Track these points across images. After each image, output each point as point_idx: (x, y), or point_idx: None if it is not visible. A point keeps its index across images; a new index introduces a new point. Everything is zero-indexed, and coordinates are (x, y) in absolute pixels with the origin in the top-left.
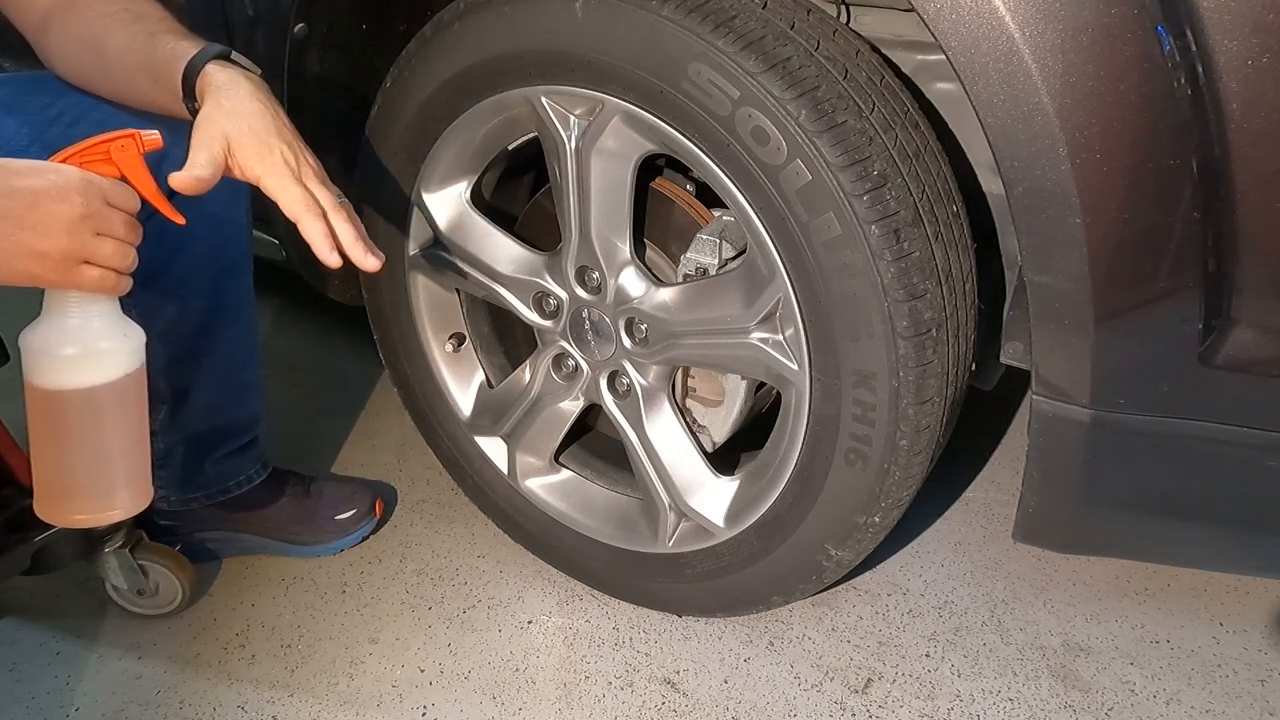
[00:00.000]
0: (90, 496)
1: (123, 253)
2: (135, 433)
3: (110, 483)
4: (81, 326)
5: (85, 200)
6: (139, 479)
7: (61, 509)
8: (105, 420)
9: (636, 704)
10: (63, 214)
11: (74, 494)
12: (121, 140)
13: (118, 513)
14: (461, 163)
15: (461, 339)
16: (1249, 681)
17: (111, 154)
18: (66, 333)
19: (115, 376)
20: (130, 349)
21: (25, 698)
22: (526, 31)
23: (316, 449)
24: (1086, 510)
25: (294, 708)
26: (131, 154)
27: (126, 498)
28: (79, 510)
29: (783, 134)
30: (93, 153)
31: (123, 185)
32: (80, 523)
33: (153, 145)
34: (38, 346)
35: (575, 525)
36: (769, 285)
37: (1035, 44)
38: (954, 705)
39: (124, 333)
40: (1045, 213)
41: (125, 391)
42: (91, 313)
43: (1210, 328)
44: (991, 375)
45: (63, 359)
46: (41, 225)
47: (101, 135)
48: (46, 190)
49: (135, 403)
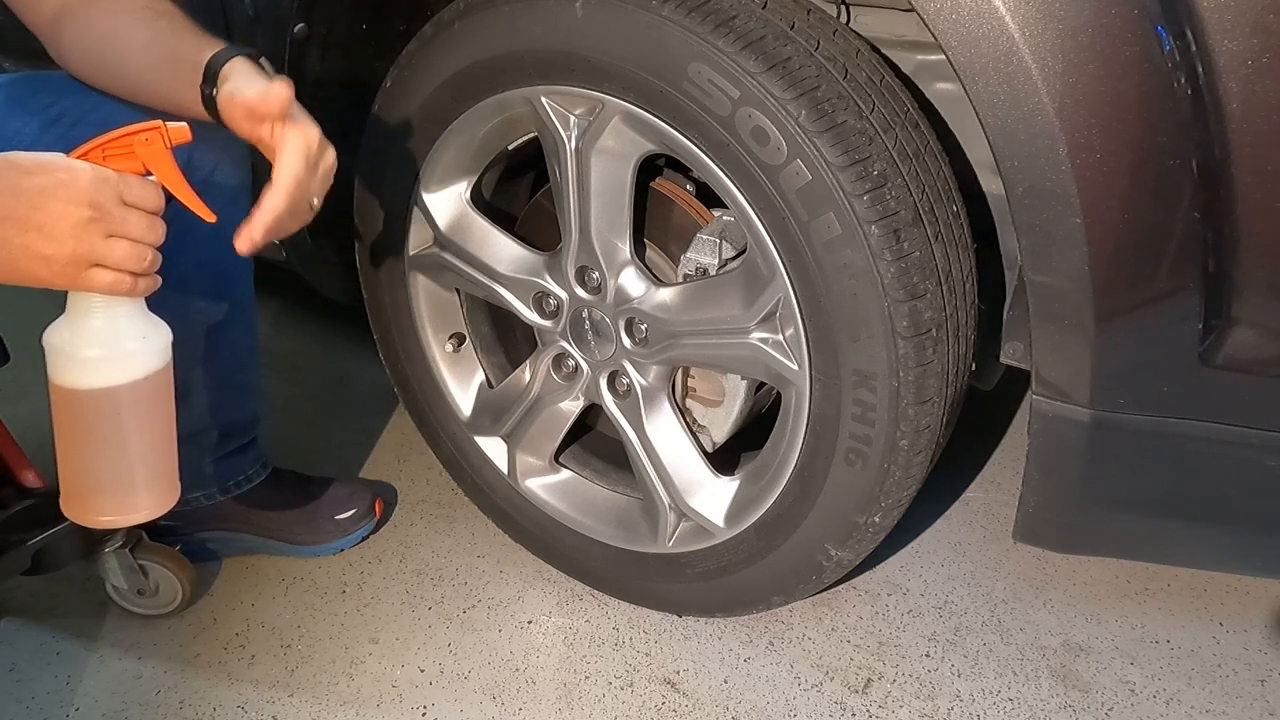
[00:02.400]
0: (115, 496)
1: (137, 255)
2: (161, 432)
3: (135, 483)
4: (105, 327)
5: (95, 201)
6: (165, 478)
7: (87, 509)
8: (129, 420)
9: (636, 704)
10: (70, 216)
11: (99, 494)
12: (146, 133)
13: (143, 513)
14: (461, 163)
15: (461, 339)
16: (1249, 681)
17: (135, 148)
18: (89, 333)
19: (138, 377)
20: (155, 349)
21: (25, 698)
22: (526, 31)
23: (316, 449)
24: (1086, 510)
25: (294, 708)
26: (157, 147)
27: (152, 497)
28: (105, 511)
29: (783, 134)
30: (116, 146)
31: (144, 182)
32: (106, 523)
33: (180, 138)
34: (60, 347)
35: (575, 525)
36: (769, 285)
37: (1035, 44)
38: (954, 705)
39: (147, 333)
40: (1045, 213)
41: (149, 392)
42: (116, 313)
43: (1210, 328)
44: (991, 375)
45: (85, 360)
46: (47, 227)
47: (126, 128)
48: (54, 190)
49: (161, 401)
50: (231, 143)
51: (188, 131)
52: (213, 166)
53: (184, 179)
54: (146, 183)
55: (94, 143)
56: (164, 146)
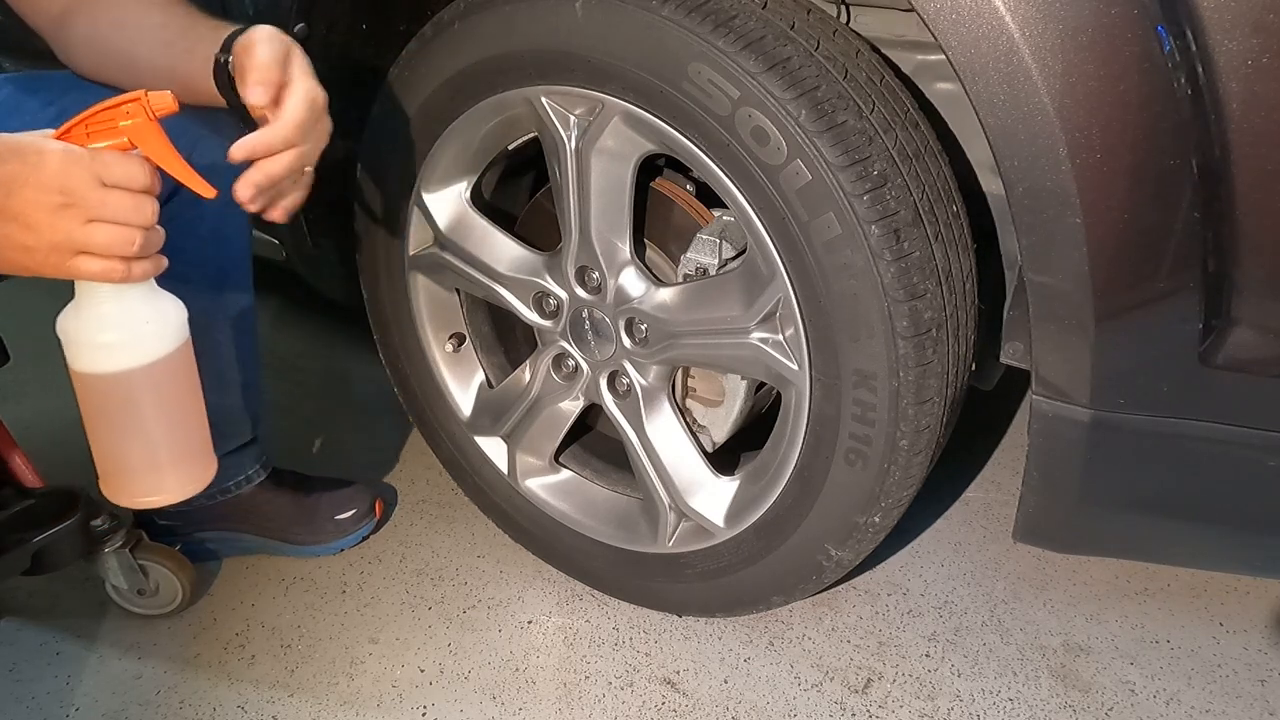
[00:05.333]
0: (147, 476)
1: (123, 239)
2: (188, 408)
3: (163, 462)
4: (115, 311)
5: (66, 186)
6: (198, 455)
7: (121, 490)
8: (149, 401)
9: (636, 704)
10: (42, 204)
11: (130, 474)
12: (128, 104)
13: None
14: (461, 163)
15: (461, 339)
16: (1249, 681)
17: (119, 123)
18: (100, 319)
19: (154, 359)
20: (169, 329)
21: (25, 698)
22: (526, 31)
23: (317, 449)
24: (1086, 510)
25: (294, 708)
26: (141, 120)
27: (186, 474)
28: (139, 491)
29: (783, 134)
30: (98, 121)
31: (125, 159)
32: (144, 504)
33: (164, 108)
34: (72, 333)
35: (575, 525)
36: (769, 285)
37: (1035, 44)
38: (954, 705)
39: (159, 313)
40: (1045, 213)
41: (166, 372)
42: (125, 295)
43: (1210, 328)
44: (991, 375)
45: (98, 346)
46: (22, 217)
47: (106, 101)
48: (24, 177)
49: (182, 379)
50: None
51: (171, 99)
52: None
53: (174, 151)
54: (129, 160)
55: (76, 119)
56: (148, 118)
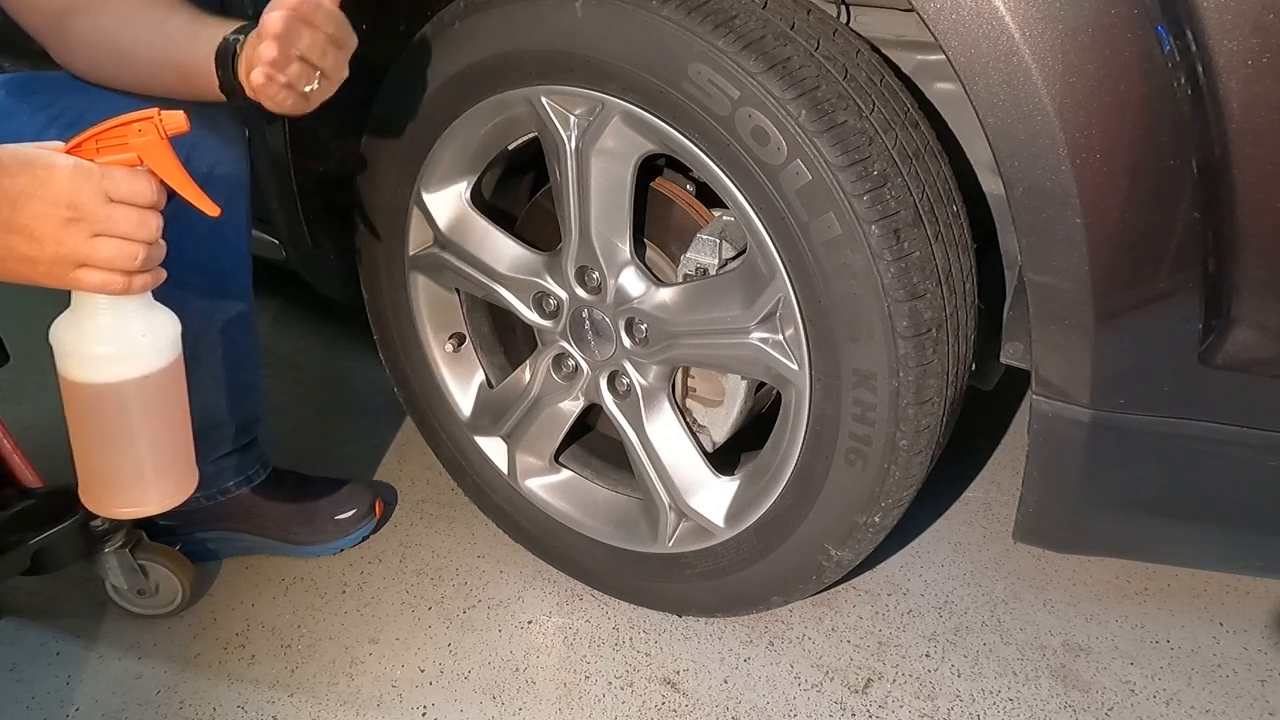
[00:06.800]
0: (130, 488)
1: (126, 254)
2: (175, 422)
3: (148, 475)
4: (109, 324)
5: (75, 201)
6: (182, 468)
7: (102, 500)
8: (138, 414)
9: (636, 704)
10: (50, 217)
11: (113, 485)
12: (140, 122)
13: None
14: (461, 163)
15: (461, 339)
16: (1249, 681)
17: (129, 139)
18: (94, 330)
19: (146, 372)
20: (162, 343)
21: (25, 698)
22: (526, 31)
23: (317, 449)
24: (1086, 510)
25: (294, 708)
26: (152, 138)
27: (168, 487)
28: (120, 502)
29: (783, 134)
30: (109, 138)
31: (133, 175)
32: (124, 514)
33: (176, 127)
34: (66, 343)
35: (575, 525)
36: (769, 285)
37: (1035, 44)
38: (954, 705)
39: (154, 327)
40: (1045, 213)
41: (157, 386)
42: (121, 308)
43: (1210, 328)
44: (991, 375)
45: (91, 357)
46: (28, 229)
47: (119, 118)
48: (32, 191)
49: (171, 394)
50: (231, 140)
51: (184, 119)
52: (212, 164)
53: (183, 170)
54: (136, 176)
55: (87, 134)
56: (159, 136)
